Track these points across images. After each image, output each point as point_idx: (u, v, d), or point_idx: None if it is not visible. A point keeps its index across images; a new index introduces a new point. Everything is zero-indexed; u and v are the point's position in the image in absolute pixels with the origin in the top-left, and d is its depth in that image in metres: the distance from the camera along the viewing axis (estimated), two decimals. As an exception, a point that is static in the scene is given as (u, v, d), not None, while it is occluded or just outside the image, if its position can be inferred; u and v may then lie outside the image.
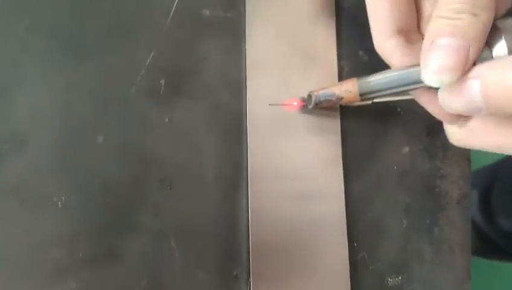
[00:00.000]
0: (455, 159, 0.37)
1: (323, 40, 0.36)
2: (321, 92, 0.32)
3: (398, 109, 0.37)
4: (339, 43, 0.36)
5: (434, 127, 0.37)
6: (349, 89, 0.31)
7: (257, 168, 0.33)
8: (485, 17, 0.24)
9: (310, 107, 0.33)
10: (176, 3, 0.34)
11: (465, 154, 0.38)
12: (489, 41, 0.26)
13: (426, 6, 0.29)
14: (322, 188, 0.34)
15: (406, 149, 0.36)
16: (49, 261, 0.30)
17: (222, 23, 0.35)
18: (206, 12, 0.34)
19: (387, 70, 0.30)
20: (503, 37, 0.24)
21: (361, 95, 0.31)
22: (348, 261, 0.33)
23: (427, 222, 0.36)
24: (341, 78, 0.36)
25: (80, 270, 0.30)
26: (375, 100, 0.32)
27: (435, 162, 0.37)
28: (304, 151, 0.34)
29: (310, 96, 0.33)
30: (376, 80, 0.30)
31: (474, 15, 0.23)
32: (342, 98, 0.32)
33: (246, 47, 0.34)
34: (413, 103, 0.36)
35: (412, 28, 0.29)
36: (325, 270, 0.33)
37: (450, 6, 0.24)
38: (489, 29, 0.24)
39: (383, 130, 0.36)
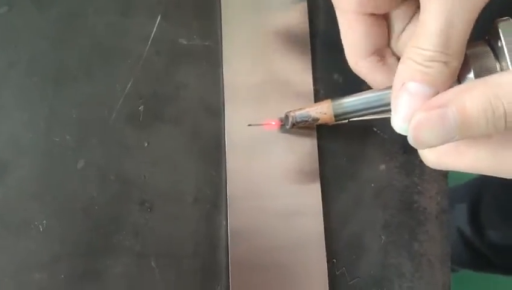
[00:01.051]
0: (432, 175, 0.38)
1: (299, 65, 0.37)
2: (297, 113, 0.33)
3: (375, 129, 0.37)
4: (314, 66, 0.37)
5: (410, 146, 0.38)
6: (324, 111, 0.32)
7: (236, 187, 0.34)
8: (455, 64, 0.24)
9: (288, 127, 0.34)
10: (153, 32, 0.35)
11: (442, 171, 0.38)
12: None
13: (397, 25, 0.30)
14: (301, 206, 0.34)
15: (383, 167, 0.37)
16: (32, 284, 0.30)
17: (199, 51, 0.36)
18: (183, 41, 0.36)
19: (362, 93, 0.31)
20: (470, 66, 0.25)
21: (335, 116, 0.32)
22: (327, 278, 0.34)
23: (405, 238, 0.36)
24: (317, 100, 0.37)
25: (62, 292, 0.30)
26: (351, 119, 0.33)
27: (412, 178, 0.37)
28: (282, 169, 0.35)
29: (287, 116, 0.34)
30: (350, 102, 0.31)
31: (445, 63, 0.23)
32: (317, 119, 0.33)
33: (223, 72, 0.35)
34: (389, 122, 0.37)
35: (384, 46, 0.30)
36: (303, 287, 0.33)
37: (421, 52, 0.24)
38: (457, 72, 0.24)
39: (360, 149, 0.37)
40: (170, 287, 0.32)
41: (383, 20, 0.30)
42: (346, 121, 0.33)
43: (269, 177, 0.35)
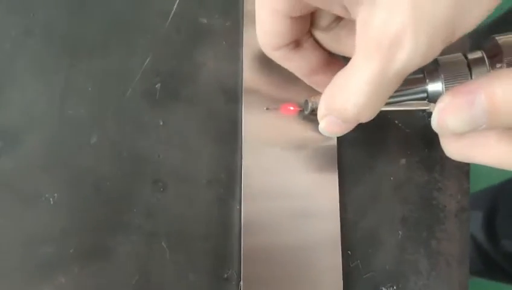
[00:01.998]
0: (453, 173, 0.37)
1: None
2: (317, 100, 0.32)
3: (396, 122, 0.37)
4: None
5: (432, 141, 0.37)
6: None
7: (251, 175, 0.33)
8: None
9: (307, 113, 0.33)
10: (174, 8, 0.34)
11: (464, 168, 0.37)
12: (488, 54, 0.26)
13: (323, 21, 0.29)
14: (317, 201, 0.33)
15: (403, 161, 0.36)
16: (40, 256, 0.30)
17: (219, 30, 0.35)
18: (204, 20, 0.35)
19: None
20: (502, 51, 0.25)
21: None
22: (341, 275, 0.33)
23: (423, 235, 0.36)
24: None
25: (70, 266, 0.30)
26: None
27: (433, 174, 0.37)
28: (298, 160, 0.34)
29: (307, 102, 0.33)
30: None
31: None
32: None
33: (243, 53, 0.35)
34: (411, 115, 0.36)
35: (302, 36, 0.29)
36: (317, 280, 0.32)
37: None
38: None
39: (380, 142, 0.36)
40: (180, 268, 0.32)
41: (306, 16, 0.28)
42: None
43: (286, 167, 0.34)
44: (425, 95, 0.29)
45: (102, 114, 0.32)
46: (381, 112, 0.35)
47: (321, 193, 0.34)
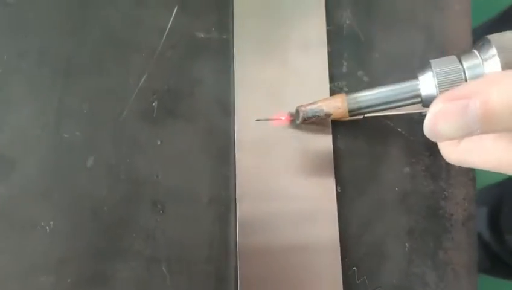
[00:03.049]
0: (459, 180, 0.36)
1: (314, 60, 0.35)
2: (309, 108, 0.32)
3: (399, 129, 0.36)
4: (336, 62, 0.35)
5: (437, 148, 0.36)
6: (338, 106, 0.31)
7: (245, 187, 0.32)
8: None
9: (298, 122, 0.32)
10: (169, 25, 0.34)
11: (470, 174, 0.37)
12: (482, 55, 0.25)
13: None
14: (314, 209, 0.33)
15: (407, 170, 0.36)
16: (38, 286, 0.29)
17: (217, 45, 0.34)
18: (200, 34, 0.34)
19: (377, 87, 0.30)
20: (496, 52, 0.24)
21: (350, 111, 0.30)
22: (341, 286, 0.32)
23: (430, 245, 0.35)
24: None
25: (68, 296, 0.29)
26: (366, 115, 0.32)
27: (438, 183, 0.36)
28: (294, 169, 0.33)
29: (298, 111, 0.32)
30: (366, 96, 0.30)
31: None
32: (330, 114, 0.31)
33: (234, 66, 0.34)
34: (414, 122, 0.35)
35: None
36: (316, 283, 0.32)
37: None
38: None
39: (382, 150, 0.35)
40: (182, 293, 0.31)
41: None
42: (361, 116, 0.32)
43: (280, 177, 0.33)
44: (419, 99, 0.28)
45: (99, 136, 0.32)
46: (383, 120, 0.35)
47: (318, 200, 0.33)
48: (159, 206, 0.31)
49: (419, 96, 0.28)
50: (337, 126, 0.34)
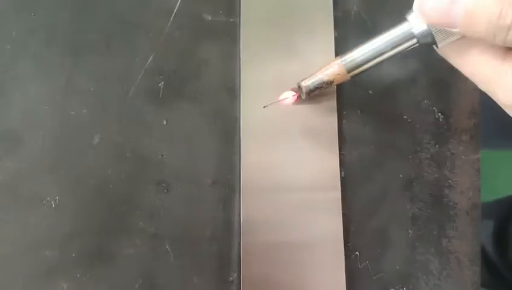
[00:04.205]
0: (464, 169, 0.36)
1: (320, 46, 0.35)
2: (309, 82, 0.31)
3: (405, 117, 0.36)
4: (344, 47, 0.35)
5: (442, 136, 0.36)
6: (336, 72, 0.30)
7: (250, 173, 0.32)
8: None
9: (304, 97, 0.32)
10: (177, 6, 0.34)
11: (475, 165, 0.36)
12: None
13: None
14: (318, 197, 0.33)
15: (412, 157, 0.35)
16: (42, 261, 0.30)
17: (224, 27, 0.34)
18: (208, 16, 0.34)
19: (369, 40, 0.29)
20: None
21: (349, 71, 0.30)
22: (344, 275, 0.32)
23: (434, 233, 0.35)
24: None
25: (72, 270, 0.30)
26: (366, 71, 0.31)
27: (443, 171, 0.36)
28: (299, 155, 0.33)
29: (299, 87, 0.32)
30: (360, 51, 0.30)
31: None
32: (332, 82, 0.31)
33: (241, 49, 0.34)
34: (420, 110, 0.35)
35: None
36: (319, 281, 0.32)
37: None
38: None
39: (388, 138, 0.35)
40: (184, 271, 0.31)
41: None
42: (361, 72, 0.31)
43: (285, 160, 0.33)
44: (414, 40, 0.28)
45: (105, 114, 0.32)
46: (389, 106, 0.35)
47: (323, 185, 0.33)
48: (164, 185, 0.32)
49: (412, 35, 0.28)
50: (343, 112, 0.34)
